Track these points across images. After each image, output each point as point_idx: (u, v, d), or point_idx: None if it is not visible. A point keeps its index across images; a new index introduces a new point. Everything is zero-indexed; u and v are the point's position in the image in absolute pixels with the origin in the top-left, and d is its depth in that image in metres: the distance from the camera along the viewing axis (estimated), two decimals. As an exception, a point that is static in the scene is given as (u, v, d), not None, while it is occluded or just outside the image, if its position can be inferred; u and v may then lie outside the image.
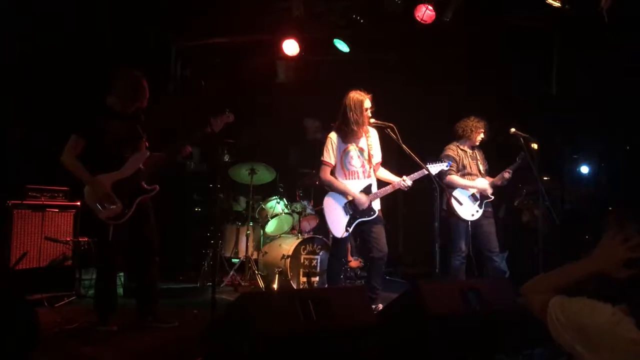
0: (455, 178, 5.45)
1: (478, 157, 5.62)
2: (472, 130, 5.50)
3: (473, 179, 5.51)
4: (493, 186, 5.51)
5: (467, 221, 5.39)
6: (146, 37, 6.63)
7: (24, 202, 4.95)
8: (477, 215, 5.42)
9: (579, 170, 6.75)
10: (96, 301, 4.21)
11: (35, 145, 5.86)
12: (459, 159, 5.52)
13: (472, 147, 5.61)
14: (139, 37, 6.51)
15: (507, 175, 5.45)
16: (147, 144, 4.26)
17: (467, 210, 5.41)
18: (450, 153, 5.53)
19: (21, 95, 5.85)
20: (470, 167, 5.53)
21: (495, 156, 5.75)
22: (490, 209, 5.52)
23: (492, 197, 5.50)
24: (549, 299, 1.69)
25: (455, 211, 5.36)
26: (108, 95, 4.14)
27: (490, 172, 5.64)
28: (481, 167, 5.59)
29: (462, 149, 5.57)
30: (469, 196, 5.45)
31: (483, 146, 5.66)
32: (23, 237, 4.90)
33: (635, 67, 5.47)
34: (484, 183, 5.47)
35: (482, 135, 5.54)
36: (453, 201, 5.32)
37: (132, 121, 4.18)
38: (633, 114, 5.75)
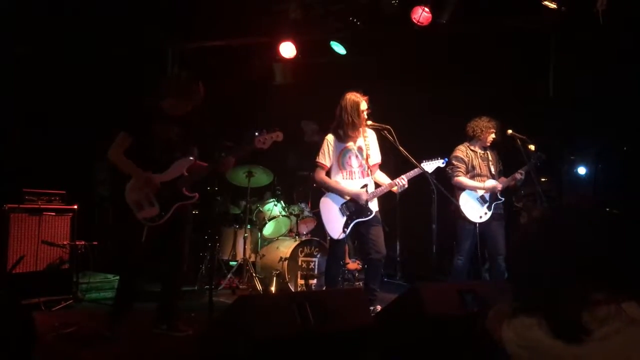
0: (463, 179, 5.41)
1: (490, 158, 5.55)
2: (482, 131, 5.45)
3: (483, 180, 5.44)
4: (504, 187, 5.43)
5: (475, 223, 5.34)
6: (143, 39, 6.63)
7: (21, 205, 4.92)
8: (485, 218, 5.36)
9: (577, 172, 6.75)
10: (114, 304, 4.15)
11: (32, 148, 5.86)
12: (468, 160, 5.47)
13: (484, 148, 5.56)
14: (136, 39, 6.50)
15: (518, 176, 5.37)
16: (195, 150, 4.21)
17: (475, 212, 5.36)
18: (459, 154, 5.48)
19: (18, 99, 5.85)
20: (480, 168, 5.47)
21: (505, 157, 5.72)
22: (500, 212, 5.44)
23: (502, 199, 5.44)
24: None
25: (463, 213, 5.32)
26: (163, 97, 4.09)
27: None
28: (493, 168, 5.52)
29: (472, 150, 5.52)
30: (477, 198, 5.40)
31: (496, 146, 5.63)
32: (20, 241, 4.87)
33: (631, 68, 5.48)
34: (493, 184, 5.41)
35: (493, 136, 5.48)
36: (460, 203, 5.30)
37: (185, 125, 4.12)
38: (630, 115, 5.75)
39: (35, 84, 5.90)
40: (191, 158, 4.16)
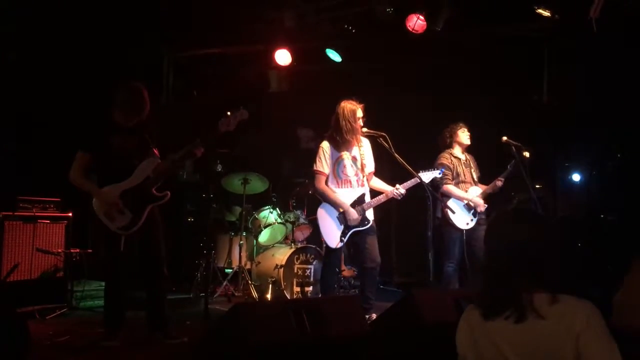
0: (451, 188, 5.41)
1: (471, 164, 5.58)
2: (451, 134, 5.50)
3: (467, 187, 5.48)
4: (485, 195, 5.46)
5: (462, 230, 5.35)
6: (139, 48, 6.63)
7: (15, 213, 4.90)
8: (471, 224, 5.38)
9: (571, 178, 6.77)
10: (105, 315, 4.14)
11: (27, 156, 5.84)
12: (453, 167, 5.47)
13: (464, 153, 5.56)
14: (132, 48, 6.51)
15: (499, 183, 5.40)
16: (156, 152, 4.20)
17: (462, 219, 5.37)
18: (444, 161, 5.48)
19: (12, 106, 5.83)
20: (464, 175, 5.50)
21: (490, 163, 5.73)
22: (484, 217, 5.45)
23: (486, 206, 5.45)
24: None
25: (450, 220, 5.32)
26: (112, 108, 4.10)
27: (485, 179, 5.61)
28: (474, 175, 5.55)
29: (455, 157, 5.53)
30: (463, 205, 5.41)
31: (474, 151, 5.63)
32: (14, 249, 4.85)
33: (625, 74, 5.52)
34: (477, 195, 5.42)
35: (467, 133, 5.50)
36: (447, 210, 5.29)
37: (139, 132, 4.11)
38: (624, 122, 5.79)
39: (30, 90, 5.89)
40: (155, 159, 4.13)
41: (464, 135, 5.51)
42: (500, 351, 1.73)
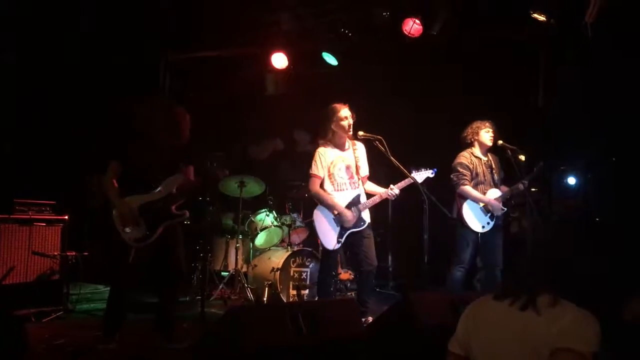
0: (468, 189, 5.23)
1: (493, 166, 5.40)
2: (476, 132, 5.34)
3: (486, 189, 5.30)
4: (505, 198, 5.29)
5: (477, 233, 5.21)
6: (136, 50, 6.64)
7: (11, 216, 4.89)
8: (487, 228, 5.22)
9: (566, 182, 6.79)
10: (104, 319, 4.15)
11: (24, 159, 5.84)
12: (473, 167, 5.30)
13: (486, 153, 5.40)
14: (129, 50, 6.51)
15: (521, 186, 5.23)
16: (187, 170, 4.23)
17: (478, 221, 5.23)
18: (463, 160, 5.31)
19: (11, 107, 5.83)
20: (484, 176, 5.32)
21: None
22: (501, 222, 5.32)
23: (505, 209, 5.30)
24: None
25: (466, 222, 5.20)
26: (151, 125, 4.14)
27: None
28: (495, 177, 5.38)
29: (476, 156, 5.36)
30: (480, 208, 5.25)
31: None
32: (10, 252, 4.83)
33: (620, 78, 5.55)
34: (495, 197, 5.26)
35: (490, 134, 5.32)
36: (464, 212, 5.20)
37: (173, 150, 4.17)
38: (619, 126, 5.81)
39: (29, 91, 5.89)
40: (180, 175, 4.17)
41: (486, 135, 5.33)
42: (500, 334, 1.89)
